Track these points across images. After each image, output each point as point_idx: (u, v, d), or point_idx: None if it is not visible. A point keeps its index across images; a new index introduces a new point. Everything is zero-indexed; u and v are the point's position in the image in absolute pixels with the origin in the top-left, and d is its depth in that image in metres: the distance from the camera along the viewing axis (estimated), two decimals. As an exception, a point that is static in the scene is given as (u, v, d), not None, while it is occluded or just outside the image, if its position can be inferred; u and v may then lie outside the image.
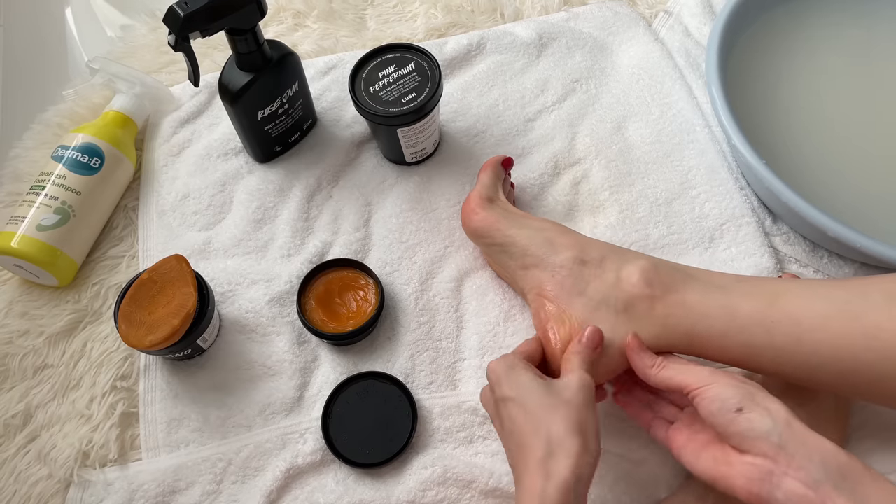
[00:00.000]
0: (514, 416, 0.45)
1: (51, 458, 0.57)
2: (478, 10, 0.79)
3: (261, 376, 0.59)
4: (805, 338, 0.44)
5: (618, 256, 0.52)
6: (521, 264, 0.55)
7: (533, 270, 0.54)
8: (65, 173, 0.63)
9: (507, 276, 0.60)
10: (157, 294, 0.55)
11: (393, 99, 0.61)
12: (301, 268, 0.63)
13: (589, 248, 0.53)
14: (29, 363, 0.61)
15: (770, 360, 0.46)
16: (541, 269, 0.53)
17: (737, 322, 0.46)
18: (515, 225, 0.56)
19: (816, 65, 0.68)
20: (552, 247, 0.53)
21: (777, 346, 0.45)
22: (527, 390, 0.45)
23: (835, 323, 0.44)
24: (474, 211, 0.58)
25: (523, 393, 0.45)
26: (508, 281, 0.61)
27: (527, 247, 0.54)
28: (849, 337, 0.43)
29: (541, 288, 0.52)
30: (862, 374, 0.43)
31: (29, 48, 0.84)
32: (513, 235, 0.55)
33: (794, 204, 0.55)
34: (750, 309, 0.46)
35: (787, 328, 0.45)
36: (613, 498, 0.53)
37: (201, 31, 0.53)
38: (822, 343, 0.44)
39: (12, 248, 0.59)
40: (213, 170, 0.69)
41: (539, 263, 0.53)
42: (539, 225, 0.56)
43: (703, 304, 0.48)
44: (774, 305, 0.46)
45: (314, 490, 0.55)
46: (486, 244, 0.58)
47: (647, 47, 0.74)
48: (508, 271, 0.57)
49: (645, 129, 0.69)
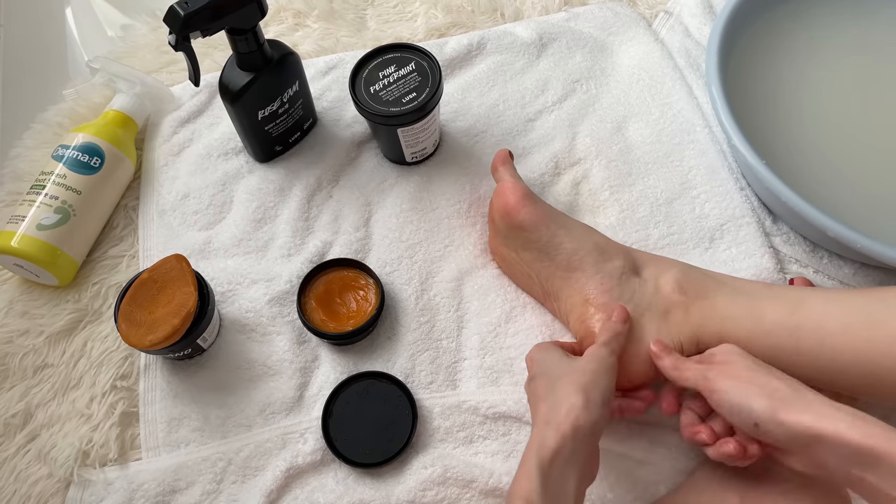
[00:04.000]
0: (539, 386, 0.48)
1: (51, 457, 0.57)
2: (478, 10, 0.79)
3: (261, 376, 0.59)
4: (827, 342, 0.46)
5: (654, 265, 0.55)
6: (566, 266, 0.55)
7: (577, 274, 0.55)
8: (65, 173, 0.63)
9: (525, 273, 0.59)
10: (158, 293, 0.55)
11: (393, 99, 0.61)
12: (301, 267, 0.63)
13: (631, 256, 0.55)
14: (29, 362, 0.61)
15: (793, 363, 0.47)
16: (588, 275, 0.54)
17: (762, 326, 0.49)
18: (563, 226, 0.56)
19: (817, 65, 0.69)
20: (602, 254, 0.55)
21: (801, 350, 0.47)
22: (550, 363, 0.49)
23: (856, 329, 0.45)
24: (522, 204, 0.56)
25: (547, 366, 0.49)
26: (523, 279, 0.60)
27: (575, 250, 0.55)
28: (870, 342, 0.44)
29: (587, 295, 0.54)
30: (883, 379, 0.44)
31: (29, 48, 0.84)
32: (560, 236, 0.55)
33: (794, 204, 0.55)
34: (775, 314, 0.49)
35: (810, 332, 0.47)
36: (615, 497, 0.53)
37: (202, 30, 0.53)
38: (844, 348, 0.45)
39: (12, 248, 0.59)
40: (214, 169, 0.69)
41: (587, 268, 0.54)
42: (584, 228, 0.57)
43: (731, 308, 0.50)
44: (798, 311, 0.48)
45: (314, 490, 0.55)
46: (525, 240, 0.57)
47: (648, 47, 0.74)
48: (538, 270, 0.57)
49: (645, 130, 0.69)
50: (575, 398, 0.44)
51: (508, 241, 0.59)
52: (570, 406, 0.44)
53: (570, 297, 0.55)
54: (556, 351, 0.51)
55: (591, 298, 0.54)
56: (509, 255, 0.60)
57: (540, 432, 0.44)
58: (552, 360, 0.50)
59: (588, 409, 0.44)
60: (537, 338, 0.59)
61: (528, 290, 0.61)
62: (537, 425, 0.45)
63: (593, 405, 0.44)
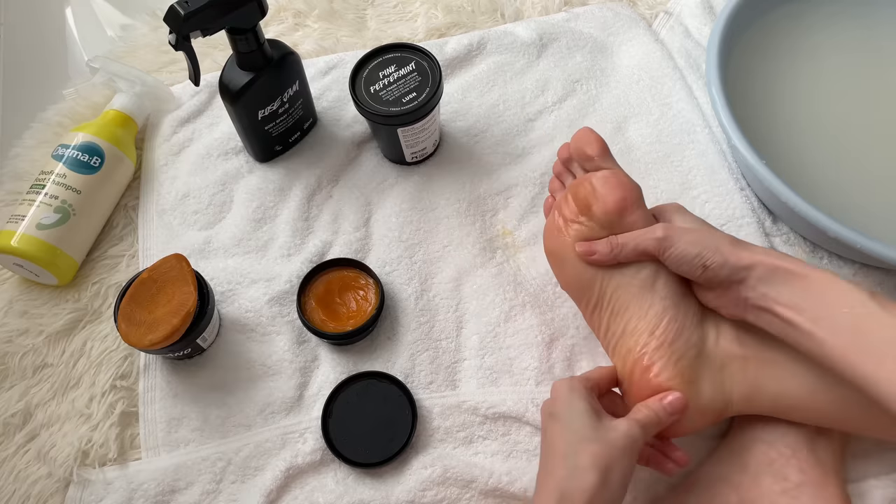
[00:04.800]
0: (555, 434, 0.45)
1: (50, 457, 0.57)
2: (478, 11, 0.79)
3: (261, 376, 0.59)
4: None
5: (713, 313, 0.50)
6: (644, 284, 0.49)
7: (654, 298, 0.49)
8: (65, 172, 0.63)
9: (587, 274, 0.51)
10: (157, 293, 0.55)
11: (393, 99, 0.61)
12: (301, 267, 0.63)
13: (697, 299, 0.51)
14: (28, 362, 0.61)
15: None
16: (668, 311, 0.49)
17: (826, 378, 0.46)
18: None
19: (817, 65, 0.69)
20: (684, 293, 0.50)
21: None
22: (575, 416, 0.45)
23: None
24: (638, 205, 0.50)
25: (572, 418, 0.45)
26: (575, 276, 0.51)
27: None
28: None
29: (654, 326, 0.48)
30: None
31: (29, 48, 0.84)
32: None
33: (794, 204, 0.55)
34: None
35: None
36: (613, 498, 0.53)
37: (202, 30, 0.53)
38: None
39: (12, 247, 0.59)
40: (214, 169, 0.69)
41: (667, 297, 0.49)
42: None
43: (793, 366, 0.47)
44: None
45: (314, 490, 0.55)
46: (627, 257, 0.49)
47: (648, 48, 0.74)
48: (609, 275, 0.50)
49: (645, 130, 0.69)
50: (592, 476, 0.42)
51: (591, 237, 0.51)
52: (586, 484, 0.42)
53: (633, 318, 0.49)
54: (583, 400, 0.46)
55: (657, 333, 0.48)
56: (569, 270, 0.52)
57: (550, 498, 0.42)
58: (576, 413, 0.45)
59: (604, 490, 0.42)
60: (537, 338, 0.59)
61: (575, 289, 0.53)
62: (548, 488, 0.43)
63: (611, 487, 0.42)
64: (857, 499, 0.51)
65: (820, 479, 0.48)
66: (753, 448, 0.50)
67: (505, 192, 0.67)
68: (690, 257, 0.47)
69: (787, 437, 0.50)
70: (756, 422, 0.51)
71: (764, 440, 0.50)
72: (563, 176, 0.56)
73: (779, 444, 0.50)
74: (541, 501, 0.43)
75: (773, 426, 0.50)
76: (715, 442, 0.54)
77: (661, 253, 0.48)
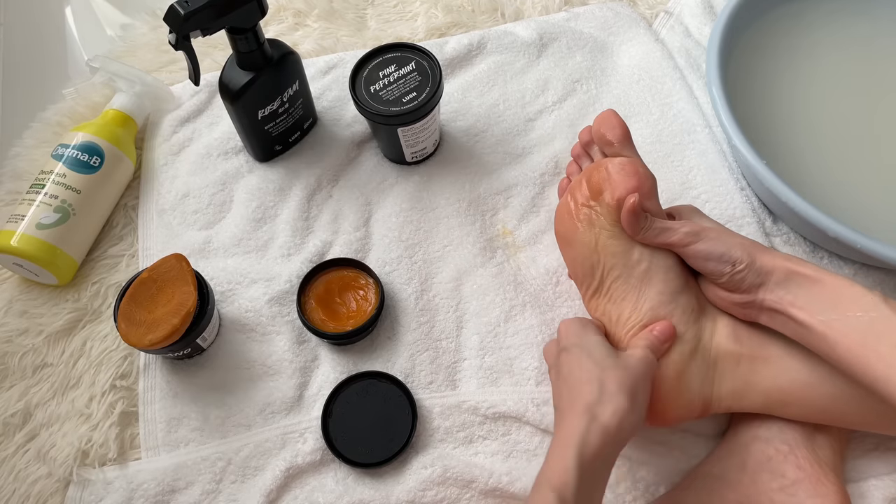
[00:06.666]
0: (575, 362, 0.46)
1: (50, 456, 0.57)
2: (478, 10, 0.79)
3: (261, 376, 0.59)
4: None
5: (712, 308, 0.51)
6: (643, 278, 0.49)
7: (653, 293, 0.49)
8: (65, 172, 0.63)
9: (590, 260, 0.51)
10: (157, 293, 0.55)
11: (393, 98, 0.61)
12: (301, 267, 0.63)
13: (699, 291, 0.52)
14: (28, 362, 0.61)
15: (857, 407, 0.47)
16: (662, 307, 0.49)
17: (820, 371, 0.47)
18: None
19: (817, 65, 0.68)
20: (687, 283, 0.51)
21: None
22: (594, 346, 0.47)
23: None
24: (654, 194, 0.51)
25: (590, 346, 0.47)
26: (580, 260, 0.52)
27: (670, 267, 0.50)
28: None
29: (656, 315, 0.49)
30: None
31: (29, 47, 0.84)
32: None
33: (794, 204, 0.55)
34: None
35: None
36: (615, 497, 0.53)
37: (202, 29, 0.53)
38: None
39: (12, 247, 0.59)
40: (214, 169, 0.69)
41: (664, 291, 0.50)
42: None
43: (787, 361, 0.48)
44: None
45: (314, 489, 0.55)
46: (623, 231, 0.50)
47: (648, 48, 0.74)
48: (612, 265, 0.50)
49: (645, 130, 0.69)
50: (622, 400, 0.43)
51: (599, 223, 0.50)
52: (617, 406, 0.43)
53: (627, 310, 0.50)
54: (596, 333, 0.48)
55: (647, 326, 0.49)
56: (586, 236, 0.51)
57: (582, 424, 0.42)
58: (593, 342, 0.47)
59: (633, 413, 0.43)
60: (537, 337, 0.59)
61: (579, 273, 0.53)
62: (575, 411, 0.43)
63: (637, 410, 0.43)
64: (857, 499, 0.51)
65: (817, 476, 0.48)
66: (751, 446, 0.51)
67: (505, 192, 0.67)
68: (718, 254, 0.48)
69: (785, 434, 0.50)
70: (754, 420, 0.51)
71: (762, 438, 0.50)
72: (581, 159, 0.57)
73: (776, 441, 0.50)
74: (569, 424, 0.43)
75: (771, 424, 0.51)
76: (714, 441, 0.54)
77: (686, 246, 0.48)
